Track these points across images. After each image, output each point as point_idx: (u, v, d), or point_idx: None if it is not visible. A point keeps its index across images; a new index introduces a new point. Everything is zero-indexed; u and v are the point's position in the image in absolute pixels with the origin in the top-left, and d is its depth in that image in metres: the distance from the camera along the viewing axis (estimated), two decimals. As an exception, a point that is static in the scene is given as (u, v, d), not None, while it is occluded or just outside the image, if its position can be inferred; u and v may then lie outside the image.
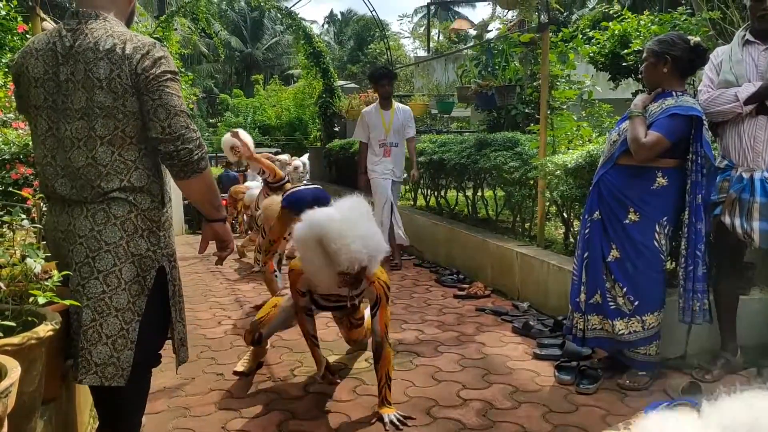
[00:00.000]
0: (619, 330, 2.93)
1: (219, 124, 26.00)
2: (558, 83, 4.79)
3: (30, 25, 4.10)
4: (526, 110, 6.26)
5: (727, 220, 2.86)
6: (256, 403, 2.87)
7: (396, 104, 5.98)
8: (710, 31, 4.17)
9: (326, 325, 3.87)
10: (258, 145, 22.62)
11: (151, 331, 2.00)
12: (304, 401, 2.89)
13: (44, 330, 1.67)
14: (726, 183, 2.90)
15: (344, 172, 9.41)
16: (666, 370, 3.06)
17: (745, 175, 2.82)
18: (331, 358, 3.33)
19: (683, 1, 5.18)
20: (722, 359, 2.99)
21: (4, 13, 4.97)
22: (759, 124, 2.78)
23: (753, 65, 2.83)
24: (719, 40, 4.08)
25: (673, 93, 2.87)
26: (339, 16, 43.98)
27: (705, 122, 2.82)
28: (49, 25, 4.08)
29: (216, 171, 12.12)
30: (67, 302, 1.78)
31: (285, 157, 12.53)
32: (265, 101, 25.63)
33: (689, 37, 2.92)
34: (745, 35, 2.91)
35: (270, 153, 10.70)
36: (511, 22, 6.34)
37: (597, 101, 5.21)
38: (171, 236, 2.07)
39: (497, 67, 6.17)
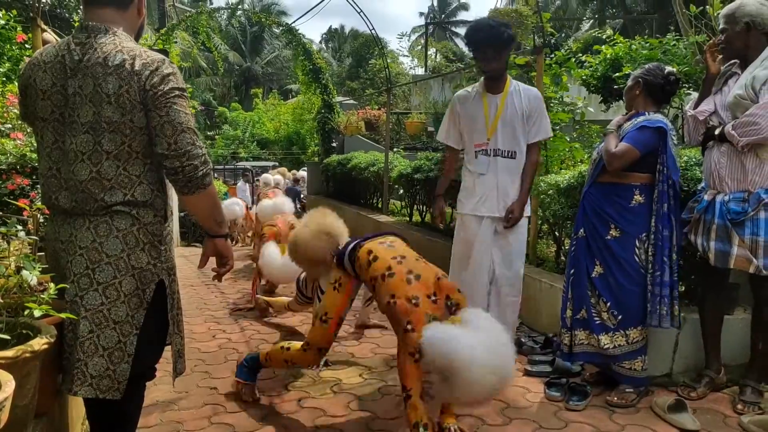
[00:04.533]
0: (605, 344, 3.01)
1: (217, 136, 26.13)
2: (552, 105, 4.90)
3: (30, 35, 4.12)
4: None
5: (692, 238, 2.99)
6: (249, 417, 2.89)
7: (513, 84, 3.46)
8: (697, 55, 4.30)
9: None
10: (256, 158, 22.84)
11: (148, 344, 1.99)
12: (298, 416, 2.91)
13: (39, 343, 1.65)
14: (695, 204, 3.02)
15: (341, 188, 9.51)
16: (653, 388, 3.12)
17: (708, 198, 2.94)
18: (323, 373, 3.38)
19: (672, 27, 5.32)
20: (706, 377, 3.06)
21: (2, 22, 4.90)
22: (722, 151, 2.89)
23: (727, 95, 2.95)
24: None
25: (646, 113, 3.06)
26: (339, 30, 44.43)
27: (672, 136, 2.96)
28: (49, 36, 4.11)
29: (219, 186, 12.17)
30: (63, 315, 1.76)
31: (283, 171, 12.68)
32: (263, 115, 25.78)
33: (666, 67, 3.12)
34: (731, 63, 3.02)
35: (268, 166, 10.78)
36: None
37: (588, 122, 5.33)
38: (171, 250, 2.07)
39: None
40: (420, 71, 24.29)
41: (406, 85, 16.83)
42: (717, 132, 2.89)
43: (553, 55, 5.17)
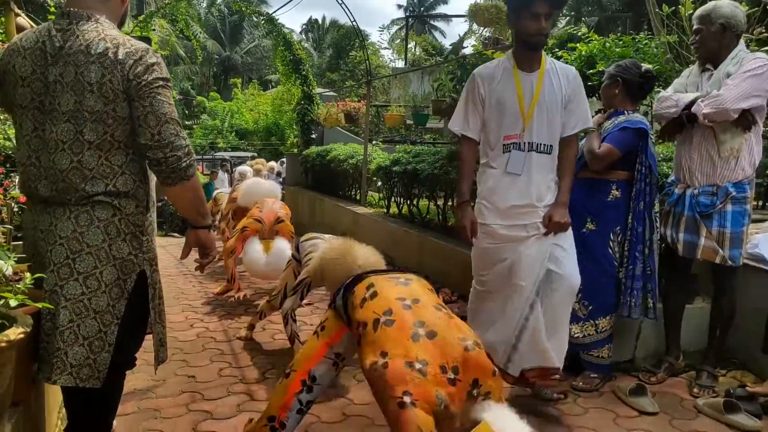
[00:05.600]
0: (575, 333, 3.14)
1: (195, 126, 25.91)
2: (526, 100, 4.99)
3: (3, 19, 4.07)
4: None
5: (662, 230, 3.12)
6: (227, 405, 2.92)
7: (548, 61, 2.85)
8: (668, 54, 4.44)
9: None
10: (235, 148, 22.71)
11: (129, 334, 1.99)
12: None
13: (15, 333, 1.63)
14: (665, 197, 3.15)
15: (320, 179, 9.55)
16: (616, 373, 3.26)
17: (678, 191, 3.07)
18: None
19: (645, 26, 5.46)
20: (666, 363, 3.22)
21: None
22: (694, 146, 3.02)
23: (701, 87, 3.07)
24: (676, 64, 4.34)
25: (625, 111, 3.15)
26: (320, 21, 44.22)
27: (651, 136, 3.08)
28: (23, 21, 4.06)
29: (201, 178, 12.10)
30: (40, 305, 1.75)
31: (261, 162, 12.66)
32: (242, 105, 25.57)
33: (642, 65, 3.19)
34: (705, 61, 3.14)
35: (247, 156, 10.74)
36: (486, 39, 6.56)
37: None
38: (153, 241, 2.06)
39: (471, 82, 6.37)
40: (400, 64, 24.36)
41: (386, 77, 16.88)
42: (687, 112, 2.97)
43: (529, 51, 5.26)
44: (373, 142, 9.62)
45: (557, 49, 5.35)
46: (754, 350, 3.08)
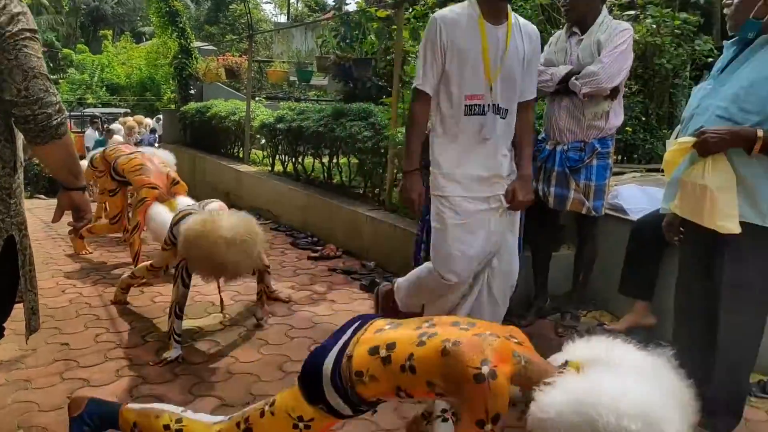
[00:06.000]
0: (452, 281, 3.29)
1: (61, 81, 23.93)
2: (410, 59, 5.07)
3: None
4: (380, 83, 6.52)
5: (533, 184, 3.31)
6: (105, 371, 2.82)
7: (513, 15, 2.55)
8: (540, 16, 4.66)
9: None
10: (106, 105, 21.27)
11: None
12: (156, 366, 2.88)
13: None
14: (537, 153, 3.34)
15: (200, 137, 9.20)
16: (490, 318, 3.48)
17: (549, 148, 3.28)
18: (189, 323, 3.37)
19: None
20: (534, 306, 3.47)
21: None
22: (562, 105, 3.21)
23: (571, 52, 3.25)
24: (548, 26, 4.57)
25: None
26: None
27: None
28: None
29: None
30: None
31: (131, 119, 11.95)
32: (114, 59, 23.96)
33: None
34: (572, 25, 3.32)
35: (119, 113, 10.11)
36: (369, -5, 6.56)
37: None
38: (22, 204, 1.94)
39: (354, 40, 6.36)
40: (282, 19, 23.66)
41: (269, 32, 16.38)
42: (560, 86, 3.15)
43: (412, 10, 5.32)
44: (256, 98, 9.37)
45: (437, 8, 5.45)
46: (612, 292, 3.37)
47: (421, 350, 1.52)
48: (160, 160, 4.62)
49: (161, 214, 4.07)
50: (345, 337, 1.68)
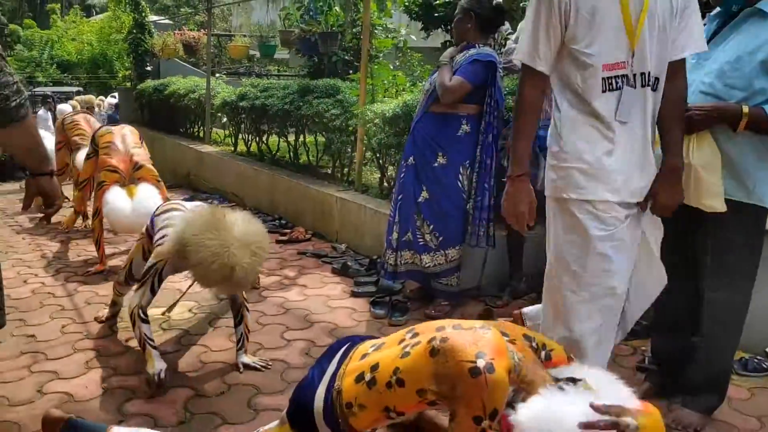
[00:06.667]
0: (426, 263, 3.24)
1: (9, 58, 22.90)
2: (376, 32, 4.94)
3: None
4: (346, 57, 6.35)
5: (504, 162, 3.25)
6: (74, 362, 2.75)
7: None
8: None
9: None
10: (57, 83, 20.46)
11: None
12: (126, 357, 2.80)
13: None
14: (509, 131, 3.27)
15: (158, 116, 8.88)
16: (465, 299, 3.43)
17: None
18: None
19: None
20: (510, 287, 3.44)
21: None
22: None
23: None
24: None
25: (476, 45, 3.18)
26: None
27: (500, 70, 3.16)
28: None
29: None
30: None
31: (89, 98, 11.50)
32: (63, 34, 23.05)
33: None
34: None
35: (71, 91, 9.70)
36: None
37: (410, 50, 5.46)
38: None
39: (319, 12, 6.17)
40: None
41: (228, 5, 15.90)
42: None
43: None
44: (216, 75, 9.08)
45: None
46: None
47: (407, 360, 1.44)
48: (134, 141, 4.34)
49: (117, 200, 3.85)
50: (332, 369, 1.62)
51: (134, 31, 9.88)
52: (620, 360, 2.75)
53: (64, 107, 10.46)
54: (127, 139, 4.28)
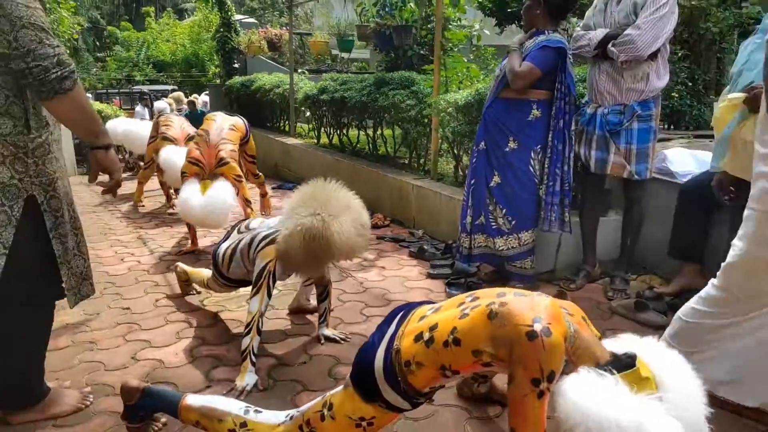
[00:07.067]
0: (500, 246, 3.34)
1: (108, 58, 24.43)
2: (450, 25, 5.03)
3: None
4: (421, 51, 6.48)
5: (576, 148, 3.31)
6: (165, 333, 2.92)
7: None
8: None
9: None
10: (153, 82, 21.68)
11: (33, 263, 1.88)
12: (215, 329, 2.98)
13: None
14: (579, 117, 3.33)
15: (246, 110, 9.34)
16: (539, 282, 3.50)
17: (590, 111, 3.25)
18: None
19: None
20: (583, 271, 3.48)
21: None
22: (602, 68, 3.18)
23: (611, 12, 3.20)
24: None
25: (546, 31, 3.22)
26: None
27: (570, 56, 3.20)
28: None
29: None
30: None
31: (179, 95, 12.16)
32: (158, 36, 24.26)
33: None
34: None
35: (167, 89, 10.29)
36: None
37: (484, 45, 5.50)
38: (47, 163, 1.89)
39: (394, 8, 6.33)
40: (322, -11, 23.43)
41: (307, 2, 16.34)
42: (598, 50, 3.12)
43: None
44: (299, 71, 9.44)
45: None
46: (660, 255, 3.37)
47: (465, 321, 1.50)
48: (229, 136, 4.42)
49: (188, 193, 4.02)
50: (391, 331, 1.68)
51: (221, 29, 10.36)
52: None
53: (161, 104, 11.18)
54: (223, 132, 4.40)
